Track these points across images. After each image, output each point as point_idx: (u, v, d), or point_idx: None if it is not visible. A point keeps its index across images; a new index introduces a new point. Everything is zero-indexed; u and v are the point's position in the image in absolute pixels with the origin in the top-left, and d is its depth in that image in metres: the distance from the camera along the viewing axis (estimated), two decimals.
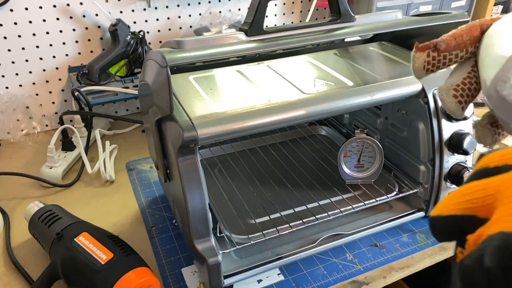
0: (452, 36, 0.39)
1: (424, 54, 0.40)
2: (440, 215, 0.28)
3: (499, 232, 0.23)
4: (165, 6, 1.00)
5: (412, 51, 0.41)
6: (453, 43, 0.39)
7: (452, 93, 0.39)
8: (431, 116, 0.63)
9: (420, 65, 0.40)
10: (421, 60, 0.40)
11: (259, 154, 0.84)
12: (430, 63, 0.40)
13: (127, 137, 1.00)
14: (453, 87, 0.39)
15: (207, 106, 0.55)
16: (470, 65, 0.40)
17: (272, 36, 0.55)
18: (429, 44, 0.40)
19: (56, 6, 0.90)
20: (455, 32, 0.40)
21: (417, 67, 0.41)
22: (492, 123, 0.39)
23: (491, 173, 0.27)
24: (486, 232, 0.24)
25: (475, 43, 0.39)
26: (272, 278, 0.61)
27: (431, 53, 0.40)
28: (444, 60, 0.40)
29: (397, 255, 0.65)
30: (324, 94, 0.57)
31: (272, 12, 1.13)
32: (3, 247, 0.68)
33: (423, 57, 0.40)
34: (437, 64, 0.40)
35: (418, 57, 0.40)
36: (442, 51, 0.39)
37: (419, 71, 0.41)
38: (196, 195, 0.52)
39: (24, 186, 0.82)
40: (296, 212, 0.67)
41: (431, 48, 0.40)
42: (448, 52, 0.39)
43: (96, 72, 0.93)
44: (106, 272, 0.53)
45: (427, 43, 0.40)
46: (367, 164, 0.72)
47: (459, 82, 0.39)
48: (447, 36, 0.40)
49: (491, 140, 0.40)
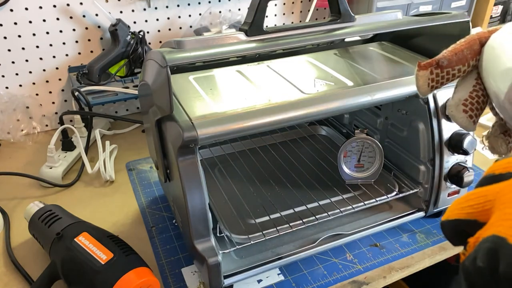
0: (452, 51, 0.40)
1: (427, 72, 0.40)
2: (447, 219, 0.30)
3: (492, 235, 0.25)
4: (165, 6, 1.00)
5: (415, 70, 0.41)
6: (454, 59, 0.39)
7: (462, 108, 0.39)
8: (431, 116, 0.63)
9: (424, 83, 0.41)
10: (425, 78, 0.40)
11: (259, 154, 0.84)
12: (434, 80, 0.40)
13: (127, 137, 1.00)
14: (461, 102, 0.39)
15: (207, 106, 0.54)
16: (473, 78, 0.40)
17: (272, 36, 0.55)
18: (432, 62, 0.40)
19: (56, 6, 0.90)
20: (455, 47, 0.40)
21: (422, 85, 0.41)
22: (504, 132, 0.40)
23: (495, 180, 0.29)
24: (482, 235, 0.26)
25: (476, 56, 0.40)
26: (272, 278, 0.61)
27: (434, 70, 0.40)
28: (448, 76, 0.40)
29: (397, 255, 0.65)
30: (324, 94, 0.57)
31: (272, 12, 1.13)
32: (3, 247, 0.68)
33: (427, 75, 0.40)
34: (441, 80, 0.40)
35: (422, 75, 0.41)
36: (445, 67, 0.40)
37: (423, 88, 0.41)
38: (196, 195, 0.52)
39: (24, 186, 0.82)
40: (296, 212, 0.67)
41: (433, 65, 0.40)
42: (451, 67, 0.40)
43: (96, 72, 0.93)
44: (106, 272, 0.53)
45: (430, 61, 0.40)
46: (367, 164, 0.72)
47: (467, 96, 0.39)
48: (448, 52, 0.40)
49: (506, 149, 0.40)
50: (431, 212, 0.69)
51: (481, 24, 1.33)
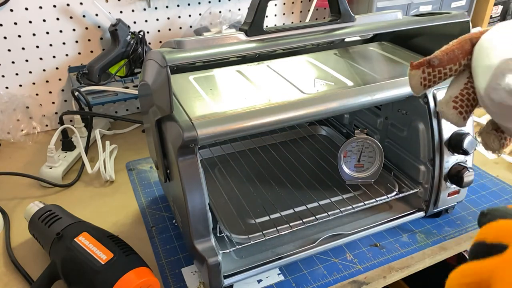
0: (444, 51, 0.41)
1: (420, 71, 0.41)
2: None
3: None
4: (165, 6, 1.00)
5: (408, 70, 0.43)
6: (445, 58, 0.41)
7: (452, 105, 0.41)
8: (431, 116, 0.63)
9: (417, 82, 0.42)
10: (417, 77, 0.42)
11: (259, 154, 0.84)
12: (427, 79, 0.42)
13: (127, 137, 1.00)
14: (452, 99, 0.41)
15: (207, 106, 0.54)
16: (465, 76, 0.41)
17: (272, 36, 0.55)
18: (423, 61, 0.41)
19: (56, 6, 0.90)
20: (446, 47, 0.42)
21: (414, 84, 0.42)
22: (497, 129, 0.41)
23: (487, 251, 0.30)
24: None
25: (467, 56, 0.41)
26: (272, 278, 0.61)
27: (426, 69, 0.41)
28: (440, 74, 0.41)
29: (397, 255, 0.65)
30: (324, 94, 0.57)
31: (272, 12, 1.13)
32: (3, 247, 0.68)
33: (419, 74, 0.42)
34: (433, 79, 0.42)
35: (414, 75, 0.42)
36: (436, 67, 0.41)
37: (416, 87, 0.43)
38: (196, 195, 0.52)
39: (24, 186, 0.82)
40: (296, 212, 0.67)
41: (425, 64, 0.41)
42: (442, 67, 0.41)
43: (96, 72, 0.93)
44: (106, 272, 0.53)
45: (421, 61, 0.41)
46: (367, 164, 0.72)
47: (457, 93, 0.41)
48: (439, 52, 0.42)
49: (498, 145, 0.41)
50: (431, 212, 0.69)
51: (481, 24, 1.33)
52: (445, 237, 0.68)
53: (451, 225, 0.71)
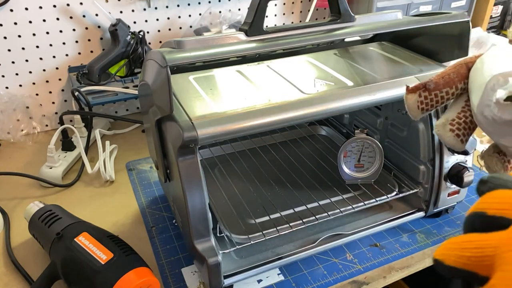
0: (440, 75, 0.42)
1: (416, 95, 0.42)
2: (443, 262, 0.29)
3: None
4: (165, 6, 1.00)
5: (404, 93, 0.43)
6: (441, 82, 0.41)
7: (448, 128, 0.41)
8: (431, 116, 0.63)
9: (414, 106, 0.42)
10: (414, 101, 0.42)
11: (259, 154, 0.84)
12: (423, 103, 0.42)
13: (127, 137, 1.00)
14: (448, 122, 0.41)
15: (207, 106, 0.54)
16: (463, 100, 0.42)
17: (272, 36, 0.55)
18: (419, 85, 0.42)
19: (56, 6, 0.90)
20: (442, 71, 0.42)
21: (412, 108, 0.43)
22: (499, 152, 0.41)
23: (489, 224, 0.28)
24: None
25: (464, 80, 0.41)
26: (272, 278, 0.61)
27: (422, 93, 0.42)
28: (437, 98, 0.42)
29: (397, 255, 0.65)
30: (324, 94, 0.57)
31: (272, 12, 1.13)
32: (3, 247, 0.68)
33: (415, 98, 0.42)
34: (431, 102, 0.42)
35: (410, 98, 0.42)
36: (432, 90, 0.41)
37: (414, 111, 0.43)
38: (196, 195, 0.52)
39: (24, 186, 0.82)
40: (296, 212, 0.67)
41: (421, 88, 0.42)
42: (438, 90, 0.41)
43: (96, 72, 0.93)
44: (106, 272, 0.53)
45: (417, 85, 0.42)
46: (367, 164, 0.72)
47: (454, 116, 0.41)
48: (435, 76, 0.42)
49: (501, 168, 0.41)
50: (431, 212, 0.69)
51: (481, 24, 1.33)
52: (445, 237, 0.68)
53: (451, 225, 0.71)
